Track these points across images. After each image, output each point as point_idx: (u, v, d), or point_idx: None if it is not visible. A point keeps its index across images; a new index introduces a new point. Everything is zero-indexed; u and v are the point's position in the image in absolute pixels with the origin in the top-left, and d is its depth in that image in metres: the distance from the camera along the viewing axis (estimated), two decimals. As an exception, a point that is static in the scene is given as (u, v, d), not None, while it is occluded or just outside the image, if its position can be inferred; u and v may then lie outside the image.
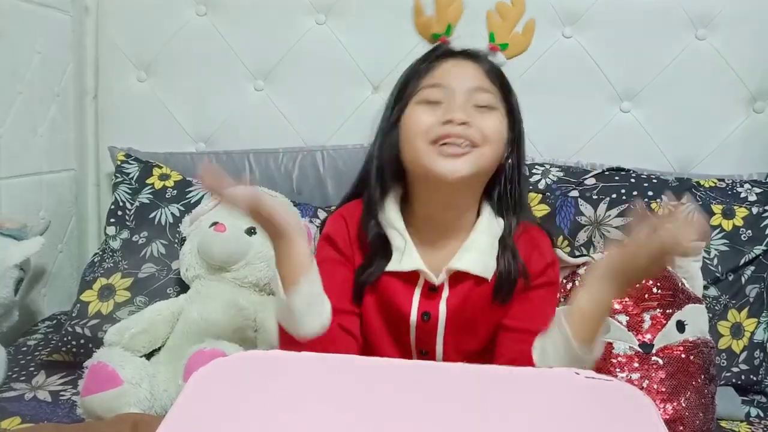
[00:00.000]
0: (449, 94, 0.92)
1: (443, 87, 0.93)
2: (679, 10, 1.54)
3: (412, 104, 0.95)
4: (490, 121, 0.93)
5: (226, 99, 1.67)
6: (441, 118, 0.91)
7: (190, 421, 0.65)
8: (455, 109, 0.91)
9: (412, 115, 0.94)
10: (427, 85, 0.94)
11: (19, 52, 1.45)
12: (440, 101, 0.92)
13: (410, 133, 0.93)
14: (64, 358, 1.31)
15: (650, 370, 1.04)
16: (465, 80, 0.93)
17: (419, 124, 0.92)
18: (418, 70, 0.96)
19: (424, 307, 0.97)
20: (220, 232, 1.24)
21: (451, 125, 0.90)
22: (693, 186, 1.41)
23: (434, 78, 0.94)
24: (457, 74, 0.94)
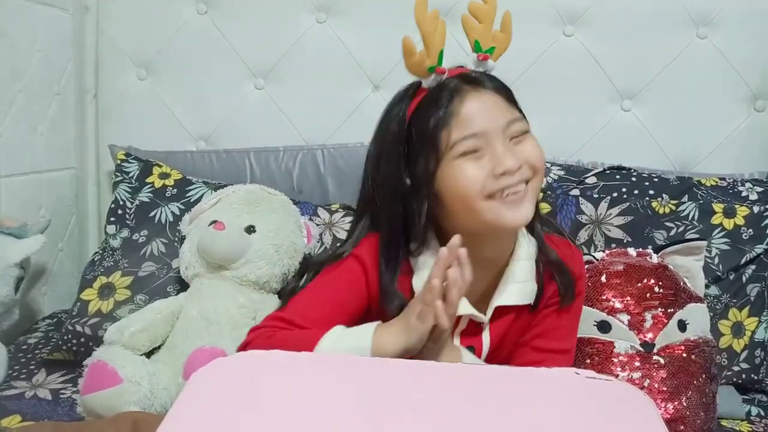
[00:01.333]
0: (488, 140, 0.86)
1: (479, 135, 0.86)
2: (680, 8, 1.54)
3: (448, 161, 0.87)
4: (530, 147, 0.90)
5: (227, 97, 1.67)
6: (492, 171, 0.86)
7: (190, 421, 0.65)
8: (504, 157, 0.86)
9: (458, 174, 0.86)
10: (461, 138, 0.86)
11: (20, 50, 1.45)
12: (479, 149, 0.87)
13: (463, 194, 0.87)
14: (65, 357, 1.31)
15: (651, 370, 1.04)
16: (495, 118, 0.87)
17: (471, 184, 0.86)
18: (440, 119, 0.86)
19: (467, 343, 0.96)
20: (219, 230, 1.24)
21: (507, 176, 0.86)
22: (694, 185, 1.41)
23: (465, 127, 0.86)
24: (486, 115, 0.87)
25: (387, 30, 1.62)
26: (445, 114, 0.86)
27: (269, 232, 1.26)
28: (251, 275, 1.24)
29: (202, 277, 1.26)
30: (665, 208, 1.36)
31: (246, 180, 1.56)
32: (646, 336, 1.06)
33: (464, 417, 0.67)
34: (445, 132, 0.86)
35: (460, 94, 0.88)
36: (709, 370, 1.08)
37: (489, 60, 0.92)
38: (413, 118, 0.90)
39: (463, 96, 0.87)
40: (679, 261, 1.16)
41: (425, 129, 0.88)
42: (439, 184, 0.88)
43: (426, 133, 0.87)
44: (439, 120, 0.87)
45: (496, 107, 0.88)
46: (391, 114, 0.92)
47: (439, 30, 0.89)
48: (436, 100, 0.88)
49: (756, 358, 1.31)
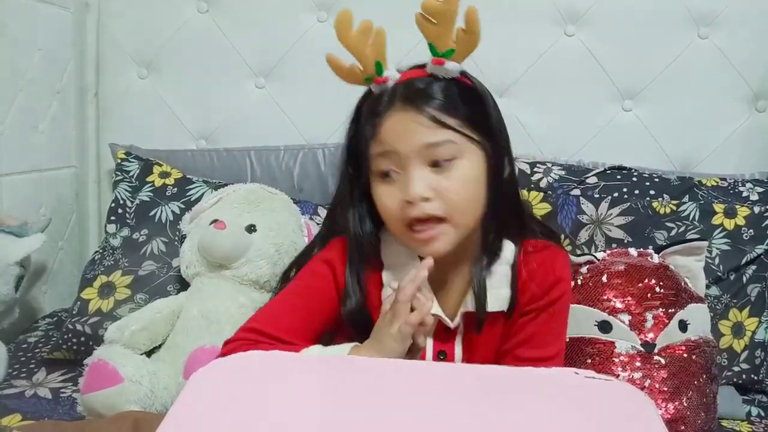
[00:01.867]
0: (401, 161, 0.84)
1: (391, 153, 0.84)
2: (681, 8, 1.54)
3: (372, 176, 0.88)
4: (451, 182, 0.84)
5: (228, 96, 1.67)
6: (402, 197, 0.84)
7: (190, 421, 0.65)
8: (408, 184, 0.83)
9: (377, 195, 0.88)
10: (376, 154, 0.86)
11: (20, 48, 1.45)
12: (394, 170, 0.85)
13: (384, 216, 0.89)
14: (65, 356, 1.31)
15: (652, 370, 1.04)
16: (412, 139, 0.83)
17: (387, 209, 0.87)
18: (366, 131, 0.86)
19: (439, 347, 0.95)
20: (220, 229, 1.23)
21: (412, 207, 0.84)
22: (695, 185, 1.41)
23: (381, 144, 0.85)
24: (401, 135, 0.83)
25: (387, 29, 1.62)
26: (369, 128, 0.86)
27: (270, 232, 1.26)
28: (252, 274, 1.24)
29: (203, 276, 1.26)
30: (666, 208, 1.36)
31: (246, 179, 1.56)
32: (647, 336, 1.06)
33: (464, 417, 0.67)
34: (369, 146, 0.86)
35: (386, 112, 0.85)
36: (710, 371, 1.08)
37: (447, 64, 0.85)
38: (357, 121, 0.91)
39: (386, 116, 0.85)
40: (680, 261, 1.16)
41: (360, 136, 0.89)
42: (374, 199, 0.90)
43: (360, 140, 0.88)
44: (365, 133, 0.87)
45: (417, 127, 0.83)
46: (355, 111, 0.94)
47: (375, 41, 0.86)
48: (370, 111, 0.88)
49: (756, 358, 1.31)
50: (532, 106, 1.59)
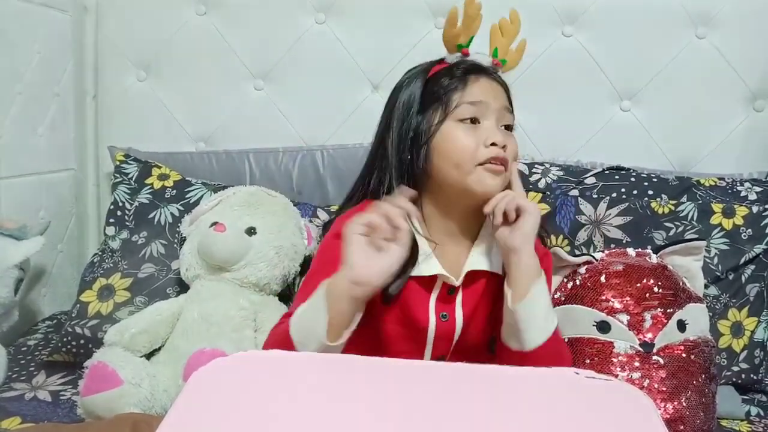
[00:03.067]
0: (488, 112, 0.97)
1: (482, 104, 0.97)
2: (679, 8, 1.54)
3: (450, 121, 0.97)
4: (514, 142, 0.99)
5: (226, 98, 1.67)
6: (484, 140, 0.96)
7: (189, 421, 0.65)
8: (495, 131, 0.97)
9: (454, 137, 0.97)
10: (465, 102, 0.97)
11: (19, 51, 1.45)
12: (478, 119, 0.97)
13: (455, 156, 0.96)
14: (64, 358, 1.31)
15: (651, 370, 1.04)
16: (497, 99, 0.98)
17: (465, 149, 0.96)
18: (453, 84, 0.98)
19: (441, 309, 0.99)
20: (219, 232, 1.24)
21: (496, 149, 0.95)
22: (693, 185, 1.41)
23: (472, 95, 0.97)
24: (490, 93, 0.98)
25: (386, 31, 1.63)
26: (458, 81, 0.98)
27: (270, 234, 1.27)
28: (252, 277, 1.24)
29: (203, 278, 1.26)
30: (664, 208, 1.37)
31: (245, 181, 1.56)
32: (646, 336, 1.06)
33: (464, 417, 0.67)
34: (454, 94, 0.97)
35: (475, 72, 0.99)
36: (709, 370, 1.08)
37: (500, 67, 1.03)
38: (431, 80, 1.00)
39: (477, 75, 0.99)
40: (679, 261, 1.16)
41: (439, 88, 0.98)
42: (437, 140, 0.98)
43: (439, 91, 0.98)
44: (451, 83, 0.98)
45: (500, 94, 1.00)
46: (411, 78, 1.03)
47: (479, 19, 1.00)
48: (455, 70, 0.99)
49: (755, 358, 1.32)
50: (530, 107, 1.59)
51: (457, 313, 0.99)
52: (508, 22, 1.04)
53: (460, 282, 0.99)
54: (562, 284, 1.17)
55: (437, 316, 0.99)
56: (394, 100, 1.03)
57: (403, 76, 1.05)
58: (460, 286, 1.00)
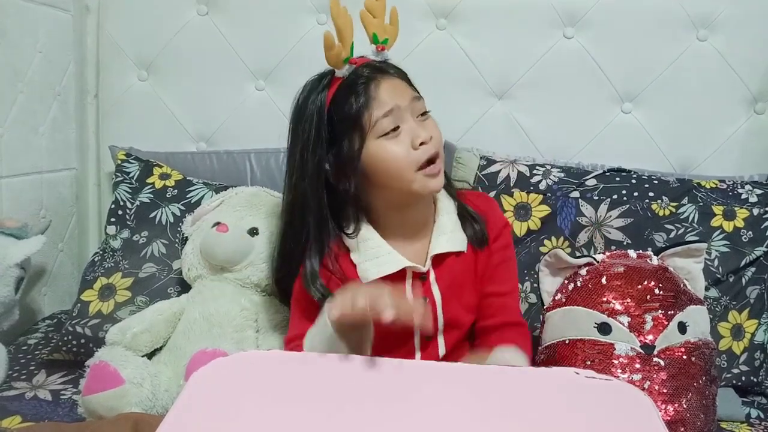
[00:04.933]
0: (402, 114, 0.97)
1: (394, 110, 0.96)
2: (680, 11, 1.54)
3: (372, 140, 0.96)
4: (433, 126, 1.00)
5: (228, 98, 1.67)
6: (411, 143, 0.96)
7: (190, 421, 0.65)
8: (418, 130, 0.97)
9: (383, 153, 0.96)
10: (380, 116, 0.96)
11: (21, 51, 1.45)
12: (396, 126, 0.96)
13: (392, 169, 0.97)
14: (65, 358, 1.31)
15: (651, 372, 1.04)
16: (403, 96, 0.98)
17: (399, 159, 0.96)
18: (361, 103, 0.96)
19: (418, 294, 1.02)
20: (222, 232, 1.24)
21: (425, 147, 0.97)
22: (694, 187, 1.41)
23: (382, 107, 0.96)
24: (395, 94, 0.97)
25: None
26: (365, 98, 0.96)
27: (272, 235, 1.27)
28: (254, 277, 1.24)
29: (205, 278, 1.26)
30: (665, 210, 1.37)
31: (246, 181, 1.56)
32: (647, 338, 1.06)
33: (464, 417, 0.67)
34: (366, 113, 0.95)
35: (374, 80, 0.97)
36: (709, 372, 1.08)
37: (385, 50, 1.02)
38: (332, 106, 0.98)
39: (377, 81, 0.97)
40: (679, 263, 1.16)
41: (348, 113, 0.96)
42: (366, 162, 0.97)
43: (349, 116, 0.96)
44: (360, 104, 0.96)
45: (401, 88, 0.99)
46: (307, 104, 1.01)
47: (350, 24, 0.99)
48: (354, 87, 0.97)
49: (756, 360, 1.32)
50: (531, 109, 1.60)
51: (434, 293, 1.03)
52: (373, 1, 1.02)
53: (427, 267, 1.03)
54: (563, 285, 1.17)
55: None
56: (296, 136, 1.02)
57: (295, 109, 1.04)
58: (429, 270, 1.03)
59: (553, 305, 1.16)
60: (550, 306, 1.17)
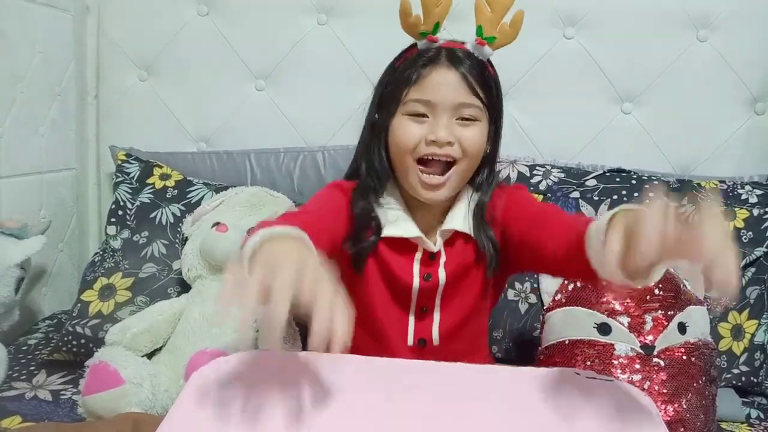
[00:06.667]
0: (435, 110, 0.95)
1: (430, 103, 0.95)
2: (680, 11, 1.54)
3: (399, 114, 0.97)
4: (471, 133, 0.96)
5: (228, 99, 1.67)
6: (427, 136, 0.95)
7: (190, 421, 0.65)
8: (439, 127, 0.94)
9: (400, 129, 0.96)
10: (413, 99, 0.95)
11: (20, 51, 1.45)
12: (426, 115, 0.95)
13: (398, 147, 0.97)
14: (65, 358, 1.31)
15: (651, 372, 1.04)
16: (451, 96, 0.95)
17: (407, 140, 0.96)
18: (406, 77, 0.96)
19: (425, 271, 1.02)
20: (222, 232, 1.24)
21: (435, 146, 0.94)
22: (694, 188, 1.41)
23: (422, 92, 0.95)
24: (443, 90, 0.95)
25: (387, 31, 1.62)
26: (412, 75, 0.95)
27: (270, 234, 1.26)
28: (253, 277, 1.24)
29: (204, 278, 1.26)
30: (665, 210, 1.36)
31: (246, 181, 1.56)
32: (646, 338, 1.06)
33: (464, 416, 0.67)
34: (405, 89, 0.95)
35: (434, 64, 0.95)
36: (709, 373, 1.09)
37: (486, 47, 0.97)
38: (396, 68, 0.99)
39: (434, 67, 0.95)
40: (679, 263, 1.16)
41: (396, 82, 0.97)
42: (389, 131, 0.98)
43: (394, 85, 0.97)
44: (406, 78, 0.95)
45: (457, 87, 0.95)
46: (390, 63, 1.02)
47: (443, 4, 0.94)
48: (415, 60, 0.96)
49: (755, 360, 1.32)
50: (531, 109, 1.60)
51: (440, 274, 1.01)
52: None
53: (438, 247, 1.01)
54: (563, 285, 1.17)
55: (421, 276, 1.01)
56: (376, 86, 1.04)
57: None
58: (441, 251, 1.02)
59: (553, 305, 1.17)
60: (550, 306, 1.17)
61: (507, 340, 1.38)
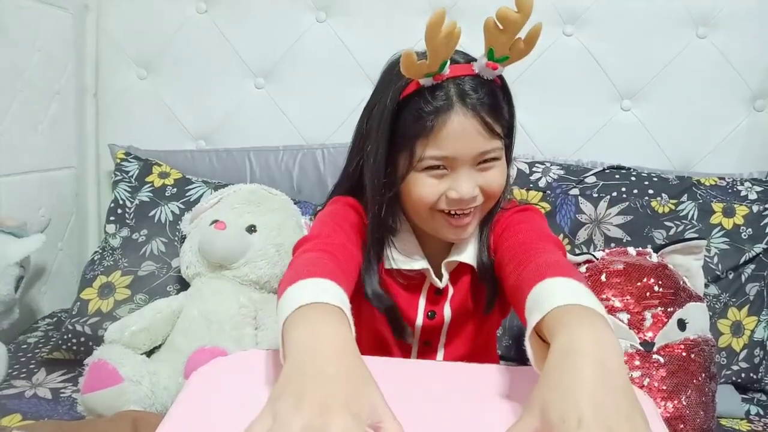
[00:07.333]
0: (455, 164, 0.87)
1: (448, 158, 0.86)
2: (680, 8, 1.54)
3: (415, 171, 0.88)
4: (492, 176, 0.89)
5: (227, 97, 1.67)
6: (448, 193, 0.88)
7: (190, 419, 0.65)
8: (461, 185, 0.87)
9: (418, 187, 0.88)
10: (430, 156, 0.86)
11: (20, 49, 1.45)
12: (445, 168, 0.87)
13: (418, 203, 0.89)
14: (65, 356, 1.31)
15: (651, 369, 1.04)
16: (470, 147, 0.86)
17: (427, 197, 0.88)
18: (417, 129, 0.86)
19: (429, 308, 0.99)
20: (220, 229, 1.24)
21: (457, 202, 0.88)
22: (693, 184, 1.41)
23: (438, 147, 0.86)
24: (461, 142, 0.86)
25: (387, 29, 1.63)
26: (424, 127, 0.85)
27: (270, 232, 1.27)
28: (252, 275, 1.24)
29: (203, 276, 1.26)
30: (665, 207, 1.37)
31: (246, 179, 1.56)
32: (646, 335, 1.06)
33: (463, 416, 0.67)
34: (421, 145, 0.86)
35: (448, 111, 0.85)
36: (709, 369, 1.09)
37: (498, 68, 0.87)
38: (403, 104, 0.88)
39: (448, 116, 0.85)
40: (679, 260, 1.16)
41: (407, 132, 0.87)
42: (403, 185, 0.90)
43: (407, 136, 0.87)
44: (420, 131, 0.86)
45: (475, 136, 0.86)
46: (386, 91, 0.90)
47: (450, 44, 0.82)
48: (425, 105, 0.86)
49: (755, 357, 1.32)
50: (530, 106, 1.59)
51: (445, 311, 0.98)
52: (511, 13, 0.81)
53: (444, 283, 0.97)
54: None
55: (425, 314, 0.98)
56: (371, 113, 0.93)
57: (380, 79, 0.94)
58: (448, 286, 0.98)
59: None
60: (549, 304, 1.17)
61: (507, 339, 1.39)
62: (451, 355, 1.01)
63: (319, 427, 0.52)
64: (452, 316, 0.98)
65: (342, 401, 0.55)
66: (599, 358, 0.59)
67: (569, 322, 0.64)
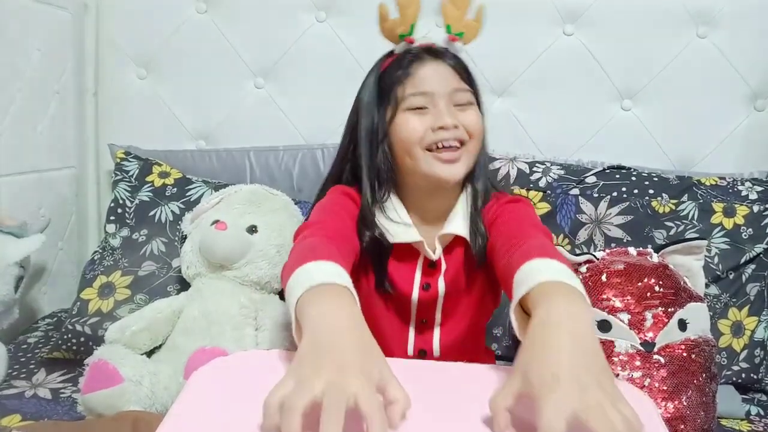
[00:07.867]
0: (434, 99, 0.98)
1: (427, 93, 0.98)
2: (680, 7, 1.54)
3: (400, 112, 0.99)
4: (471, 117, 0.99)
5: (227, 96, 1.67)
6: (432, 125, 0.97)
7: (190, 420, 0.65)
8: (443, 114, 0.97)
9: (405, 124, 0.98)
10: (411, 93, 0.98)
11: (19, 49, 1.45)
12: (426, 106, 0.98)
13: (406, 142, 0.98)
14: (65, 356, 1.31)
15: (652, 369, 1.04)
16: (444, 84, 0.98)
17: (413, 133, 0.97)
18: (397, 77, 0.99)
19: (425, 280, 1.03)
20: (221, 230, 1.24)
21: (443, 131, 0.96)
22: (694, 184, 1.41)
23: (417, 86, 0.98)
24: (436, 79, 0.99)
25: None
26: (402, 73, 0.99)
27: (271, 232, 1.26)
28: (252, 275, 1.24)
29: (204, 276, 1.26)
30: (665, 207, 1.37)
31: (246, 179, 1.56)
32: (647, 335, 1.06)
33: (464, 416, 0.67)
34: (400, 88, 0.99)
35: (420, 60, 1.00)
36: (709, 370, 1.08)
37: (458, 42, 1.03)
38: (382, 75, 1.02)
39: (421, 62, 0.99)
40: (679, 260, 1.16)
41: (387, 84, 1.00)
42: (391, 132, 1.00)
43: (387, 87, 1.00)
44: (397, 78, 0.99)
45: (447, 76, 0.99)
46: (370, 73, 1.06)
47: (415, 5, 1.01)
48: (400, 62, 1.00)
49: (755, 357, 1.32)
50: (531, 106, 1.60)
51: (439, 284, 1.03)
52: None
53: (438, 255, 1.02)
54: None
55: (420, 286, 1.03)
56: (358, 97, 1.06)
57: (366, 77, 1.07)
58: (441, 259, 1.03)
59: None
60: (550, 303, 1.17)
61: (507, 338, 1.38)
62: (446, 336, 1.05)
63: (339, 383, 0.59)
64: (446, 291, 1.03)
65: (357, 365, 0.62)
66: (573, 329, 0.67)
67: (550, 297, 0.72)
